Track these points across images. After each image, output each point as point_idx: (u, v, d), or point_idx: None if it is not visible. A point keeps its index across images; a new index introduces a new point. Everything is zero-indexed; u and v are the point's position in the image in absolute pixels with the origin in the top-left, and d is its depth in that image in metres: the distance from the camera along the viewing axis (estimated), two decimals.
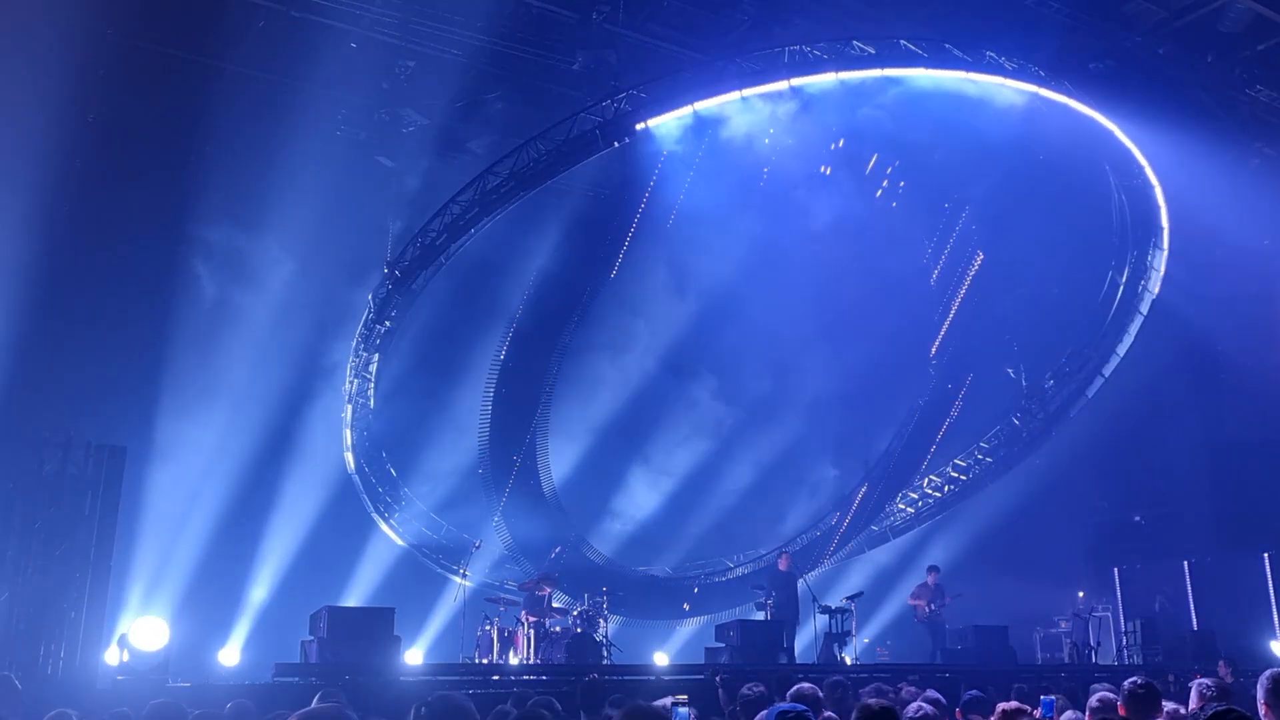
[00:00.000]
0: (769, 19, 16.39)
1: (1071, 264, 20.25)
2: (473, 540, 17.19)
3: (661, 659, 17.35)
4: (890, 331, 20.09)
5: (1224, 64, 17.31)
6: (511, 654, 14.74)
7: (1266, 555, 19.23)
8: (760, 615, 16.24)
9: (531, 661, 14.49)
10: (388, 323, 17.44)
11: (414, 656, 15.48)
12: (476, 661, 14.78)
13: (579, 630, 14.98)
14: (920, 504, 22.00)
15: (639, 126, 16.08)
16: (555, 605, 15.69)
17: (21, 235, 13.27)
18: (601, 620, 15.65)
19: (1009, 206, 19.11)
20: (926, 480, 21.94)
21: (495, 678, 12.89)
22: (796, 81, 16.33)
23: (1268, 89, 17.79)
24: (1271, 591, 19.03)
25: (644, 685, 10.99)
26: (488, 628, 15.09)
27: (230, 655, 15.81)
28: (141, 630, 11.29)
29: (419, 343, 18.21)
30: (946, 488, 21.95)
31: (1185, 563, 20.18)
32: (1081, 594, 19.93)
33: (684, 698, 5.77)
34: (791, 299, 19.08)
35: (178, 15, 15.02)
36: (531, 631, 14.78)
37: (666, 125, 16.37)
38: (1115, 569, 20.84)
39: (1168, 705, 6.11)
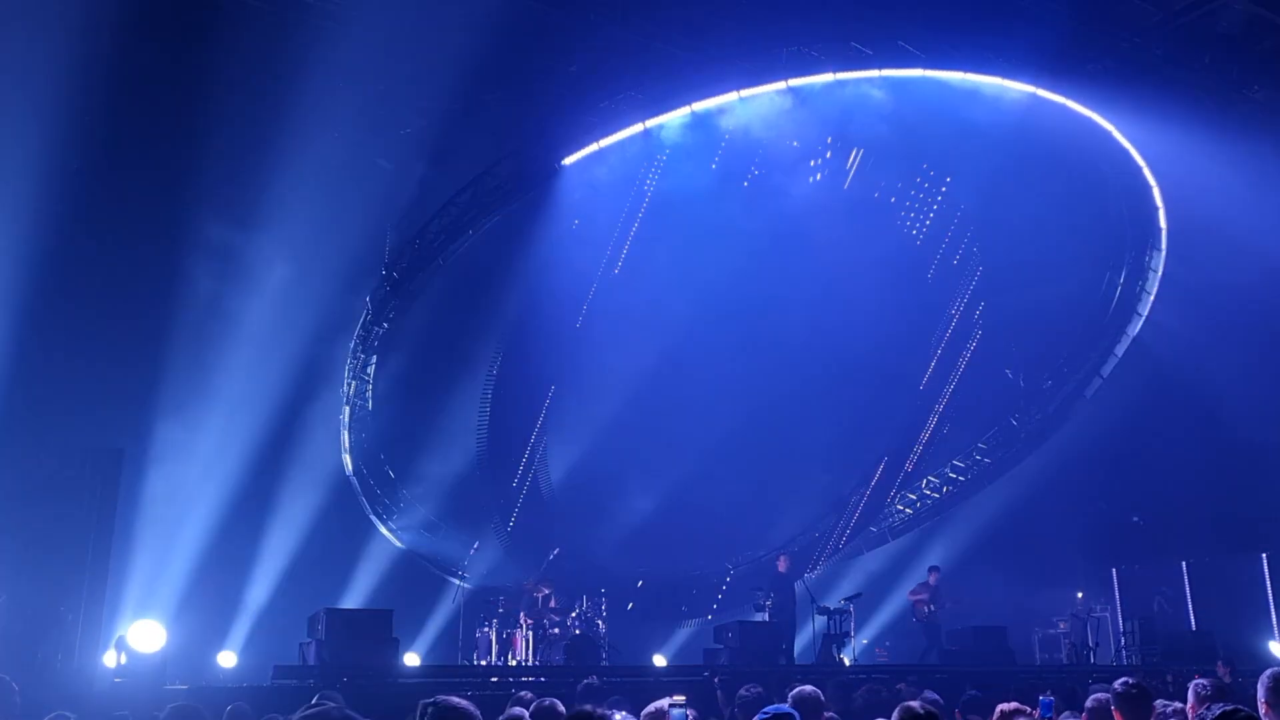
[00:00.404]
0: (767, 19, 16.38)
1: (1069, 265, 20.22)
2: (471, 542, 17.18)
3: (660, 660, 17.32)
4: (888, 333, 20.07)
5: (1222, 64, 17.30)
6: (510, 656, 14.74)
7: (1264, 556, 19.22)
8: (759, 617, 16.23)
9: (530, 663, 14.48)
10: (386, 324, 17.43)
11: (412, 658, 15.46)
12: (475, 663, 14.78)
13: (577, 632, 14.97)
14: (919, 505, 22.01)
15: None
16: (553, 607, 15.69)
17: (18, 238, 13.25)
18: (600, 622, 15.65)
19: (1007, 207, 19.10)
20: (925, 481, 21.94)
21: (494, 679, 12.87)
22: (795, 82, 16.36)
23: (1265, 89, 17.78)
24: (1269, 592, 19.02)
25: (642, 686, 10.96)
26: (486, 629, 15.10)
27: (228, 657, 15.78)
28: (139, 633, 11.26)
29: (417, 344, 18.18)
30: (945, 489, 21.96)
31: (1184, 563, 20.15)
32: (1080, 594, 19.89)
33: (682, 699, 5.74)
34: (789, 299, 19.07)
35: (175, 15, 15.01)
36: (530, 633, 14.77)
37: (668, 125, 16.42)
38: (1114, 569, 20.81)
39: (1166, 706, 6.06)
